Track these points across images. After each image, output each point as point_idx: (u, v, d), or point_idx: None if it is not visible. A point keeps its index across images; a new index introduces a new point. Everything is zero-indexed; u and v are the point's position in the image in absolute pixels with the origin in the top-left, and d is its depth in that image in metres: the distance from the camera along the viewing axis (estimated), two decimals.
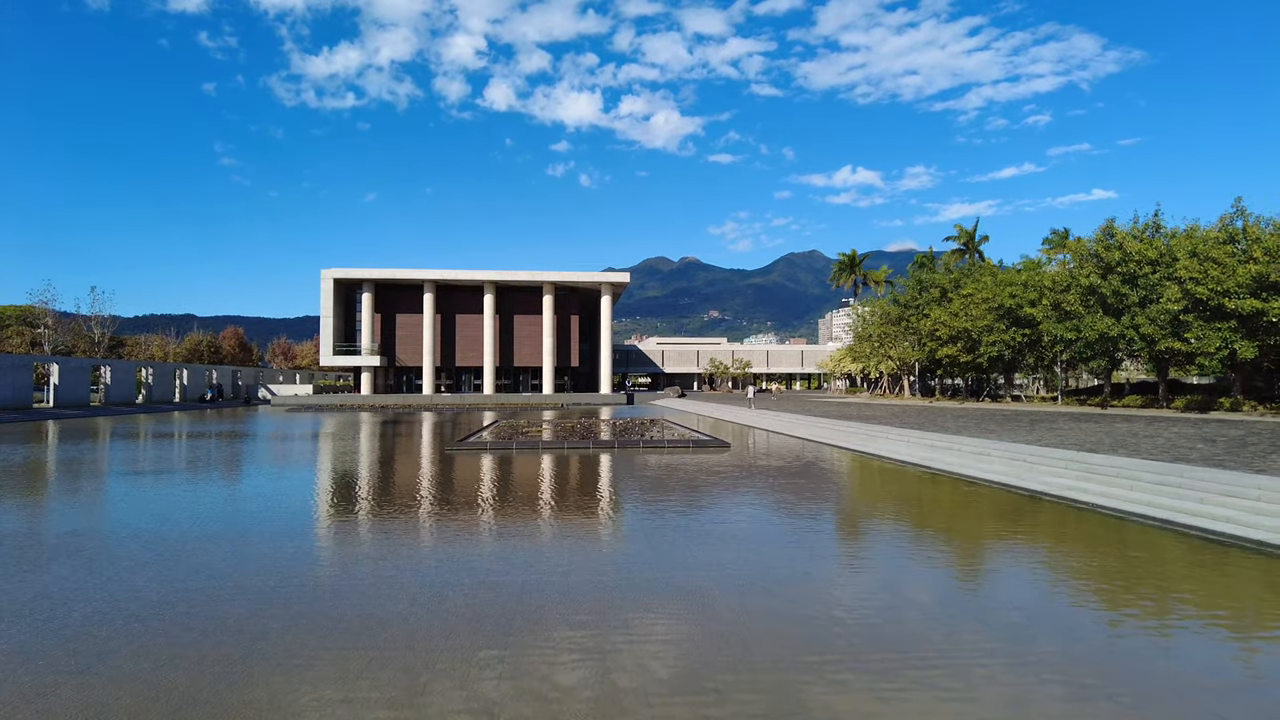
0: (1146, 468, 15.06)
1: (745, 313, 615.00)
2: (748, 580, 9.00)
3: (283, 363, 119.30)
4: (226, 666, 6.16)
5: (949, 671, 6.14)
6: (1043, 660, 6.40)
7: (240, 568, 9.50)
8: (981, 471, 17.95)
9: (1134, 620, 7.68)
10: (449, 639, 6.86)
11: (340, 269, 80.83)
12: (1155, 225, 42.32)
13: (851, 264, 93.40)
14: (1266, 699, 5.85)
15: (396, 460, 24.30)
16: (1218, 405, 37.22)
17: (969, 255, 75.03)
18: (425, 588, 8.59)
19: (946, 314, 53.26)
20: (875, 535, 12.41)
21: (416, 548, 11.03)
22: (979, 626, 7.38)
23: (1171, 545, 11.03)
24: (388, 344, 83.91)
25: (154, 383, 69.46)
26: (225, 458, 24.50)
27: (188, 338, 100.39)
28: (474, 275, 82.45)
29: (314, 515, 13.96)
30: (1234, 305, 33.24)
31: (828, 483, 18.62)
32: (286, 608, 7.80)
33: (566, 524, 12.76)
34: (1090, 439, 21.91)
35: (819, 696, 5.66)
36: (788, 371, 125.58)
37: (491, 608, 7.76)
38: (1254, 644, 7.12)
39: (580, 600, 8.14)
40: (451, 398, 77.21)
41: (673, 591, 8.48)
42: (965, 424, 29.78)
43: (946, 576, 9.54)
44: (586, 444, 26.50)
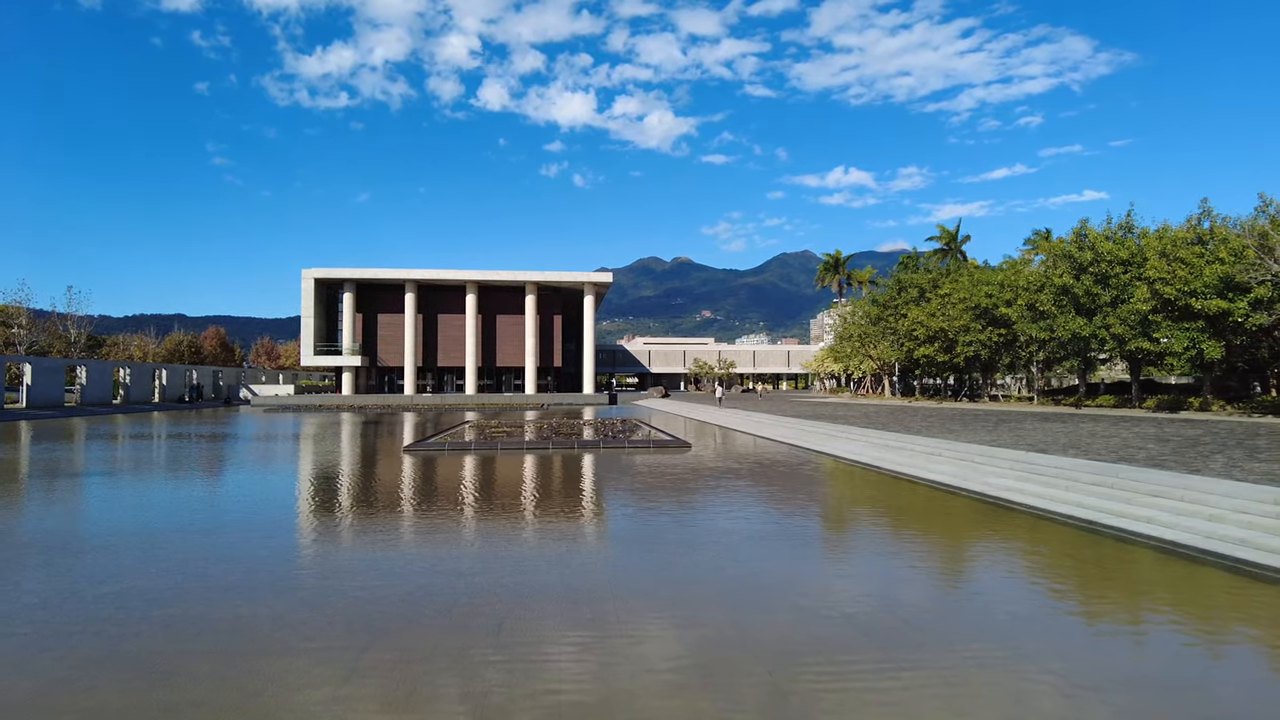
0: (1086, 468, 14.95)
1: (738, 313, 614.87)
2: (630, 578, 8.83)
3: (266, 363, 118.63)
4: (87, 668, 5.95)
5: (802, 655, 5.99)
6: (869, 645, 6.25)
7: (135, 569, 9.27)
8: (927, 472, 17.81)
9: (983, 610, 7.53)
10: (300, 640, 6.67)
11: (321, 269, 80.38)
12: (1127, 225, 42.36)
13: (836, 264, 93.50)
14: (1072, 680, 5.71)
15: (342, 463, 24.04)
16: (1187, 405, 37.27)
17: (951, 255, 75.18)
18: (294, 592, 8.39)
19: (924, 314, 53.26)
20: (780, 533, 12.24)
21: (313, 551, 10.82)
22: (822, 618, 7.23)
23: (1081, 544, 10.89)
24: (369, 344, 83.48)
25: (131, 383, 68.93)
26: (170, 460, 24.22)
27: (168, 338, 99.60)
28: (456, 275, 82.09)
29: (217, 520, 13.72)
30: (1200, 305, 33.27)
31: (771, 482, 18.44)
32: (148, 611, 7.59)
33: (484, 526, 12.55)
34: (1046, 439, 21.83)
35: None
36: (775, 372, 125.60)
37: (368, 609, 7.57)
38: (1097, 632, 6.98)
39: (467, 602, 7.94)
40: (432, 398, 76.88)
41: (557, 592, 8.29)
42: (931, 424, 29.69)
43: (820, 571, 9.37)
44: (545, 445, 26.28)
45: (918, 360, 55.63)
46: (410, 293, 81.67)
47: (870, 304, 66.63)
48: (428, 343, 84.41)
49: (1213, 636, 7.24)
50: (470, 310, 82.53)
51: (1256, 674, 6.43)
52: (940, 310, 51.78)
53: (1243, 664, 6.62)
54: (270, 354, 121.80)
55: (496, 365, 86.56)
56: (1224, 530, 10.47)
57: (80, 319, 74.59)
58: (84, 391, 62.17)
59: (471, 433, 31.57)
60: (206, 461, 23.67)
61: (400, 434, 35.13)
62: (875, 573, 9.64)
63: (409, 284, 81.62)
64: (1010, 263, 54.88)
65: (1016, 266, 48.82)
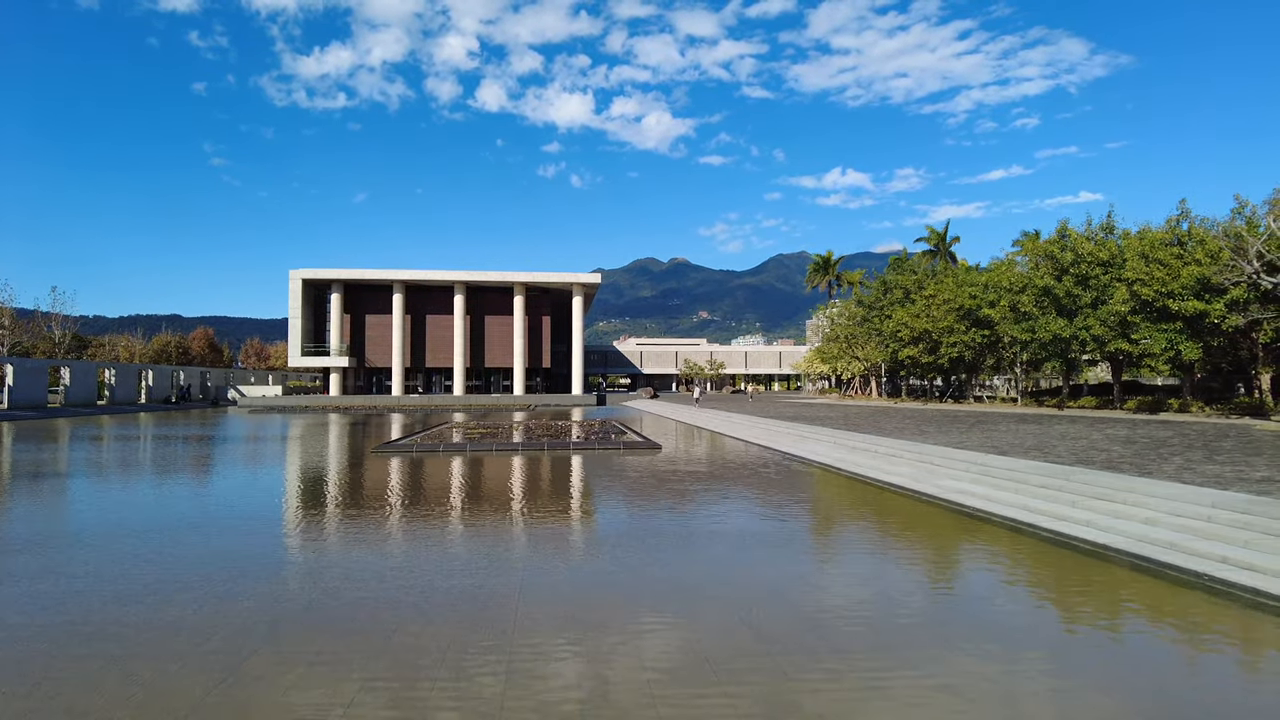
0: (1038, 470, 14.84)
1: (735, 314, 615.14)
2: (544, 578, 8.69)
3: (256, 363, 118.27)
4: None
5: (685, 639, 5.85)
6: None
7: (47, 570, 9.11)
8: (885, 474, 17.69)
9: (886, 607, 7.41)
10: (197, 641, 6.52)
11: (309, 269, 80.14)
12: (1108, 227, 42.33)
13: (826, 265, 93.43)
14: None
15: (301, 465, 23.87)
16: (1167, 407, 37.22)
17: (940, 257, 75.15)
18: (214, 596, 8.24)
19: (909, 315, 53.19)
20: (717, 534, 12.09)
21: (256, 554, 10.66)
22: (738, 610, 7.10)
23: (1013, 547, 10.76)
24: (357, 345, 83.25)
25: (117, 384, 68.67)
26: (123, 462, 24.05)
27: (156, 338, 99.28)
28: (444, 275, 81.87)
29: (144, 523, 13.55)
30: (1178, 307, 33.22)
31: (728, 483, 18.28)
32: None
33: (416, 528, 12.40)
34: (1014, 441, 21.73)
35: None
36: (768, 373, 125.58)
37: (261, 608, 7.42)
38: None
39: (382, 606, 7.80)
40: (420, 399, 76.66)
41: (458, 597, 8.14)
42: (905, 426, 29.58)
43: (731, 574, 9.23)
44: (515, 447, 26.12)
45: (902, 361, 55.56)
46: (398, 293, 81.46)
47: (856, 305, 66.55)
48: (416, 343, 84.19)
49: (1087, 638, 7.10)
50: (458, 311, 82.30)
51: (1108, 672, 6.30)
52: (925, 311, 51.72)
53: (1101, 662, 6.49)
54: (260, 355, 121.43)
55: (485, 366, 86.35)
56: (1156, 534, 10.36)
57: (65, 319, 74.33)
58: (68, 392, 61.87)
59: (443, 435, 31.43)
60: (160, 463, 23.47)
61: (374, 435, 34.95)
62: (788, 573, 9.48)
63: (397, 284, 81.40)
64: (997, 264, 54.86)
65: (1000, 268, 48.73)
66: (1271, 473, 13.94)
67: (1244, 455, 17.25)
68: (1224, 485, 12.45)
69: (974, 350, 49.30)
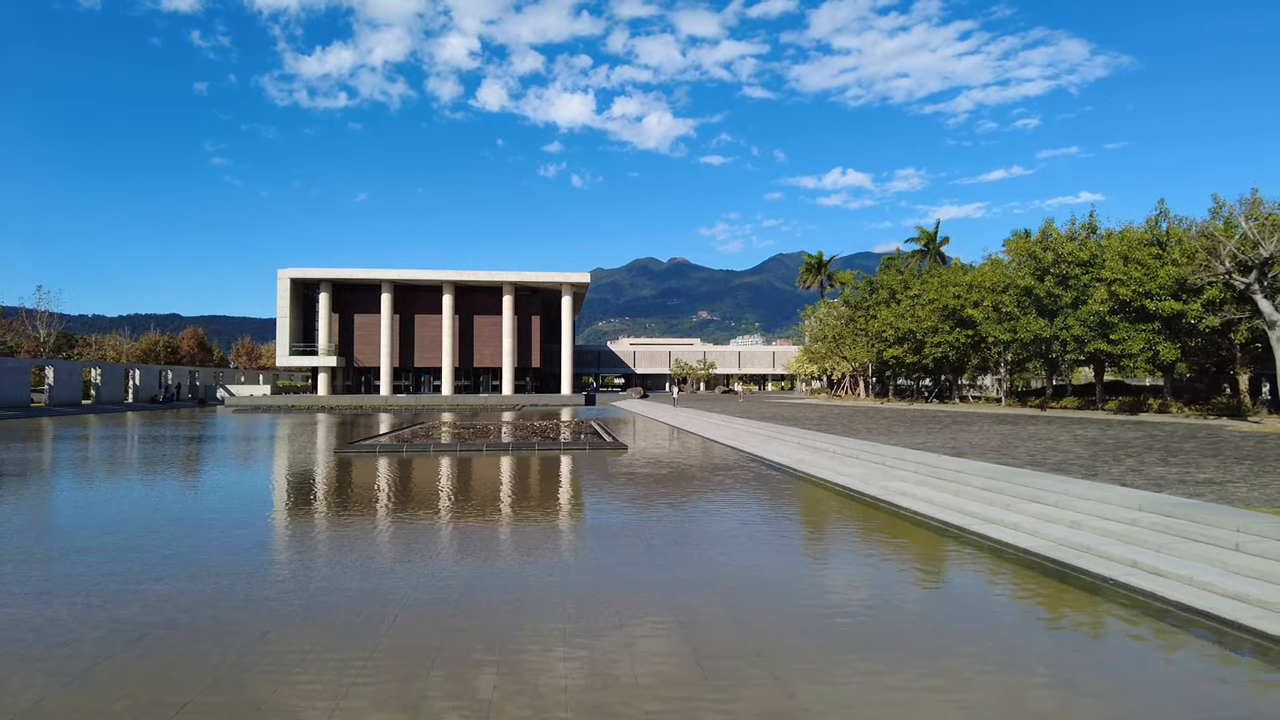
0: (984, 472, 14.63)
1: (735, 313, 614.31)
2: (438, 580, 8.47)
3: (247, 363, 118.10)
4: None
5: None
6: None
7: None
8: (837, 474, 17.46)
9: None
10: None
11: (297, 269, 79.99)
12: (1091, 227, 42.11)
13: (818, 265, 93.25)
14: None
15: (257, 465, 23.68)
16: (1147, 407, 37.01)
17: (929, 257, 74.92)
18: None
19: (893, 315, 52.97)
20: (636, 531, 11.87)
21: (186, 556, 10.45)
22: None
23: (926, 549, 10.54)
24: (345, 344, 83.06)
25: (103, 383, 68.58)
26: (80, 460, 23.86)
27: (144, 337, 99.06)
28: (433, 275, 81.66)
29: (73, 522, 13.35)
30: (1155, 307, 32.98)
31: (681, 484, 18.06)
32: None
33: (345, 530, 12.20)
34: (978, 442, 21.53)
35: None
36: (761, 372, 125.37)
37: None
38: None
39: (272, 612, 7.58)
40: (408, 399, 76.48)
41: (339, 600, 7.92)
42: (879, 426, 29.39)
43: (645, 573, 9.01)
44: (479, 447, 25.92)
45: (888, 361, 55.34)
46: (386, 293, 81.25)
47: (843, 305, 66.33)
48: (404, 343, 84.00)
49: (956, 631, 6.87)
50: (447, 311, 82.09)
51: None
52: (909, 311, 51.50)
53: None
54: (251, 354, 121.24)
55: (474, 366, 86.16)
56: (1076, 537, 10.13)
57: (51, 317, 74.11)
58: (52, 392, 61.75)
59: (409, 435, 31.23)
60: (110, 463, 23.28)
61: (347, 435, 34.75)
62: (692, 573, 9.26)
63: (385, 284, 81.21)
64: (986, 263, 54.60)
65: (983, 268, 48.51)
66: (1216, 475, 13.74)
67: (1200, 457, 17.05)
68: (1163, 488, 12.25)
69: (958, 350, 49.05)
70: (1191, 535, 9.29)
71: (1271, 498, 11.20)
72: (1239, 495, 11.40)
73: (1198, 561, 8.58)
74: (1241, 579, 7.88)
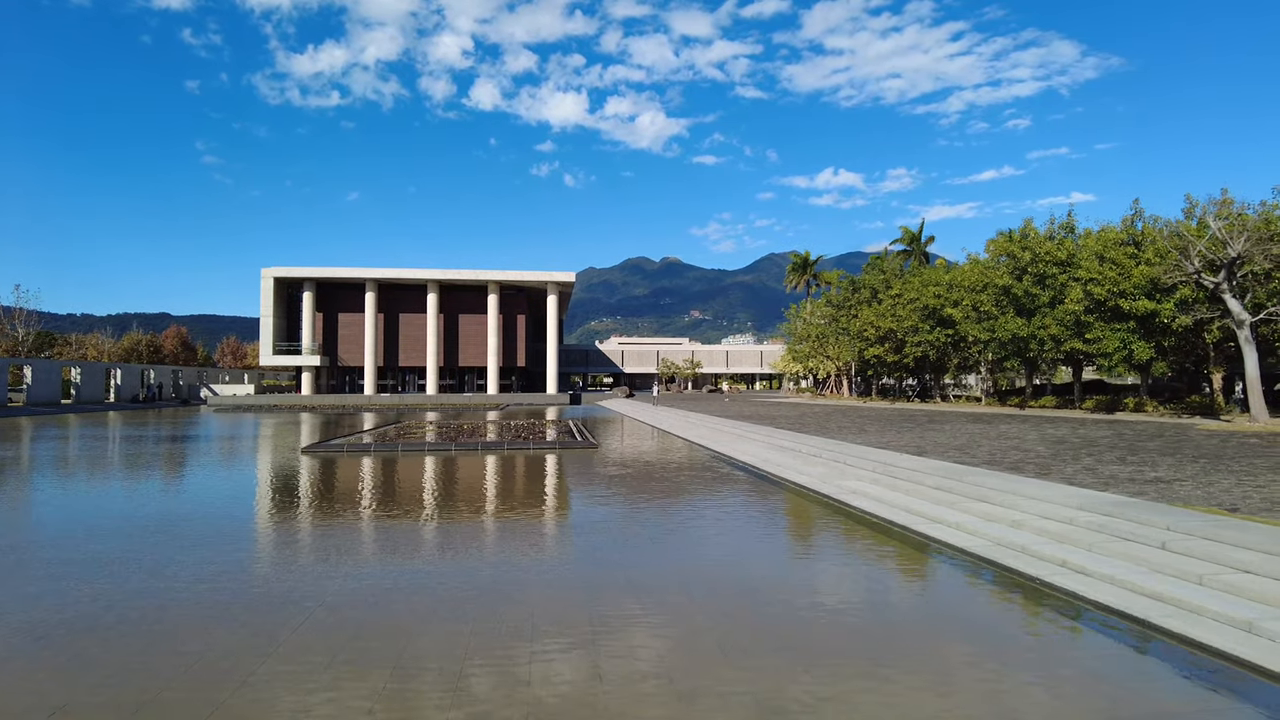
0: (939, 471, 14.59)
1: (727, 313, 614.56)
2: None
3: (232, 362, 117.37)
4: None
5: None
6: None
7: None
8: (798, 473, 17.38)
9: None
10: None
11: (281, 268, 79.58)
12: (1069, 226, 42.25)
13: (804, 265, 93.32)
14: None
15: (220, 465, 23.48)
16: (1123, 406, 37.15)
17: (914, 256, 75.06)
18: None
19: (874, 314, 53.03)
20: (581, 528, 11.78)
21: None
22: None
23: (863, 548, 10.48)
24: (329, 344, 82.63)
25: (82, 382, 68.08)
26: (45, 459, 23.60)
27: (126, 336, 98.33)
28: (417, 274, 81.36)
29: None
30: (1129, 306, 33.09)
31: (641, 482, 17.96)
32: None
33: (282, 532, 12.05)
34: (945, 441, 21.54)
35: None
36: (749, 372, 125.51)
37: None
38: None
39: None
40: (392, 398, 76.16)
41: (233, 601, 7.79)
42: (853, 425, 29.40)
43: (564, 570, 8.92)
44: (447, 446, 25.75)
45: (869, 360, 55.40)
46: (371, 292, 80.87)
47: (826, 305, 66.38)
48: (389, 342, 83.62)
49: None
50: (431, 310, 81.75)
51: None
52: (890, 311, 51.55)
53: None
54: (236, 353, 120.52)
55: (459, 365, 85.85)
56: (1014, 536, 10.08)
57: (29, 315, 73.46)
58: (30, 391, 61.27)
59: (379, 434, 31.03)
60: (70, 462, 23.03)
61: (319, 435, 34.52)
62: (605, 573, 9.17)
63: (369, 283, 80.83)
64: (967, 262, 54.72)
65: (963, 268, 48.62)
66: (1167, 474, 13.74)
67: (1159, 456, 17.09)
68: (1111, 487, 12.24)
69: (938, 350, 49.13)
70: (1123, 534, 9.25)
71: (1213, 496, 11.20)
72: (1182, 494, 11.40)
73: (1124, 560, 8.53)
74: (1162, 578, 7.84)
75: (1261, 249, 26.55)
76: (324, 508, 14.58)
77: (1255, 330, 27.88)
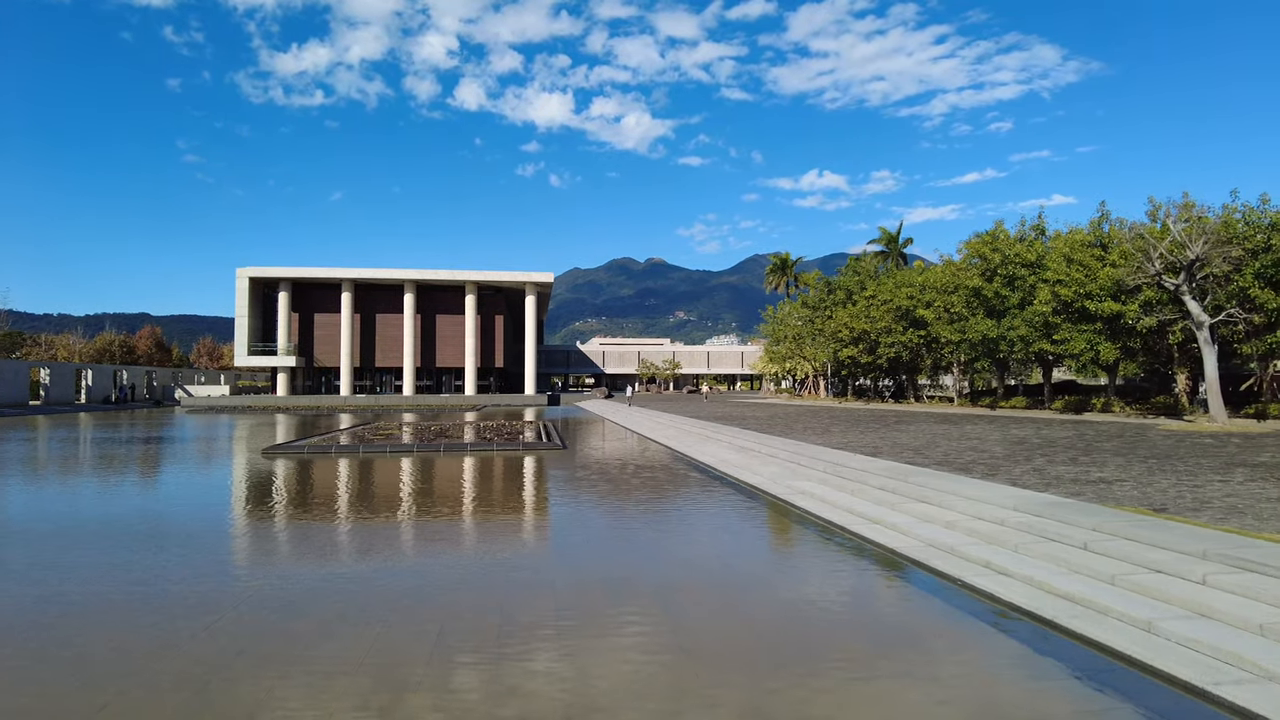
0: (886, 471, 14.57)
1: (712, 313, 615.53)
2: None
3: (208, 363, 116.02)
4: None
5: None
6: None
7: None
8: (751, 474, 17.33)
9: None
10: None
11: (256, 268, 78.78)
12: (1040, 228, 42.57)
13: (783, 266, 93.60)
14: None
15: (175, 467, 23.13)
16: (1091, 406, 37.43)
17: (891, 257, 75.44)
18: None
19: (849, 315, 53.20)
20: (514, 528, 11.66)
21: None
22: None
23: (794, 548, 10.42)
24: (305, 344, 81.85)
25: (51, 383, 67.07)
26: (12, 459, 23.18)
27: (98, 337, 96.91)
28: (394, 274, 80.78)
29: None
30: (1095, 307, 33.32)
31: (596, 484, 17.85)
32: None
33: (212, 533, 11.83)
34: (906, 441, 21.57)
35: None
36: (731, 372, 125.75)
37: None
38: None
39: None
40: (367, 399, 75.53)
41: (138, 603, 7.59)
42: (819, 425, 29.42)
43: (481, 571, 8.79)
44: (410, 447, 25.49)
45: (843, 361, 55.58)
46: (347, 292, 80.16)
47: (801, 306, 66.55)
48: (365, 343, 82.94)
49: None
50: (408, 310, 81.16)
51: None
52: (864, 312, 51.73)
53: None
54: (212, 354, 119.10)
55: (436, 366, 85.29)
56: (945, 537, 10.05)
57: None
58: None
59: (345, 435, 30.74)
60: (12, 464, 22.62)
61: (285, 436, 34.14)
62: (518, 572, 9.06)
63: (345, 283, 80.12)
64: (940, 264, 55.03)
65: (936, 269, 48.88)
66: (1111, 474, 13.79)
67: (1111, 456, 17.16)
68: (1051, 487, 12.25)
69: (910, 351, 49.36)
70: (1050, 535, 9.23)
71: (1147, 496, 11.22)
72: (1119, 494, 11.41)
73: (1045, 561, 8.51)
74: (1078, 578, 7.82)
75: (1220, 251, 26.80)
76: (261, 510, 14.35)
77: (1215, 332, 28.12)
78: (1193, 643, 5.94)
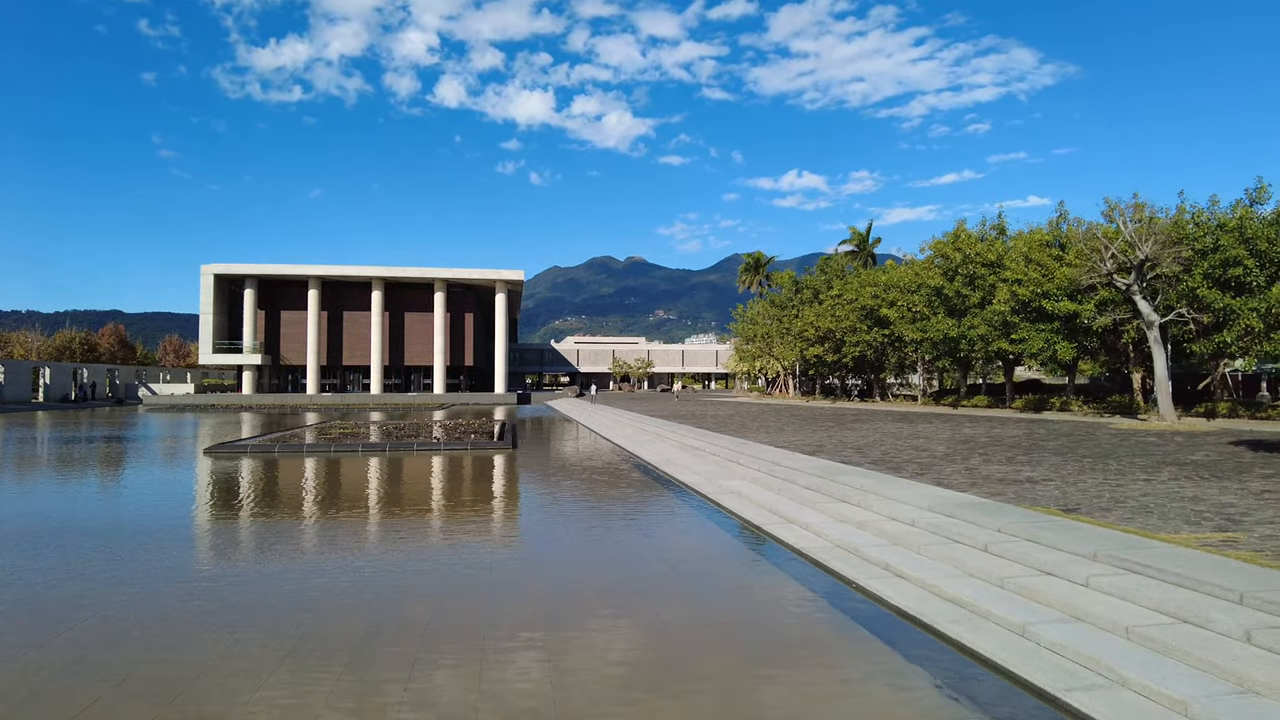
0: (816, 470, 14.36)
1: (692, 312, 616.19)
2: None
3: (174, 361, 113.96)
4: None
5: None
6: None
7: None
8: (689, 472, 17.07)
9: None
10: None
11: (221, 264, 77.43)
12: (1000, 228, 42.78)
13: (756, 265, 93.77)
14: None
15: (116, 467, 22.50)
16: (1050, 405, 37.65)
17: (860, 257, 75.71)
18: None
19: (815, 314, 53.23)
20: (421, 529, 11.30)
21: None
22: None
23: (705, 546, 10.17)
24: (271, 342, 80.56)
25: (6, 381, 65.41)
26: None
27: (58, 334, 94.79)
28: (361, 271, 79.73)
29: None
30: (1052, 307, 33.50)
31: (533, 482, 17.52)
32: None
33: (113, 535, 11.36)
34: (851, 440, 21.46)
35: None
36: (705, 371, 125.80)
37: None
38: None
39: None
40: (334, 397, 74.48)
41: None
42: (775, 424, 29.30)
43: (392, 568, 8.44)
44: (354, 448, 24.92)
45: (810, 360, 55.62)
46: (314, 289, 78.95)
47: (770, 305, 66.58)
48: (332, 341, 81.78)
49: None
50: (376, 308, 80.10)
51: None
52: (829, 311, 51.77)
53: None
54: (178, 352, 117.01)
55: (405, 364, 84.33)
56: (854, 538, 9.83)
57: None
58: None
59: (288, 434, 30.10)
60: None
61: (234, 434, 33.42)
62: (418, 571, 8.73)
63: (313, 280, 78.92)
64: (904, 263, 55.23)
65: (900, 269, 49.02)
66: (1040, 474, 13.68)
67: (1050, 455, 17.12)
68: (976, 486, 12.10)
69: (875, 350, 49.47)
70: (955, 536, 9.05)
71: (1067, 495, 11.08)
72: (1040, 494, 11.26)
73: (944, 564, 8.31)
74: (970, 581, 7.62)
75: (1170, 252, 26.99)
76: (173, 512, 13.87)
77: (1166, 331, 28.35)
78: (1059, 647, 5.74)
